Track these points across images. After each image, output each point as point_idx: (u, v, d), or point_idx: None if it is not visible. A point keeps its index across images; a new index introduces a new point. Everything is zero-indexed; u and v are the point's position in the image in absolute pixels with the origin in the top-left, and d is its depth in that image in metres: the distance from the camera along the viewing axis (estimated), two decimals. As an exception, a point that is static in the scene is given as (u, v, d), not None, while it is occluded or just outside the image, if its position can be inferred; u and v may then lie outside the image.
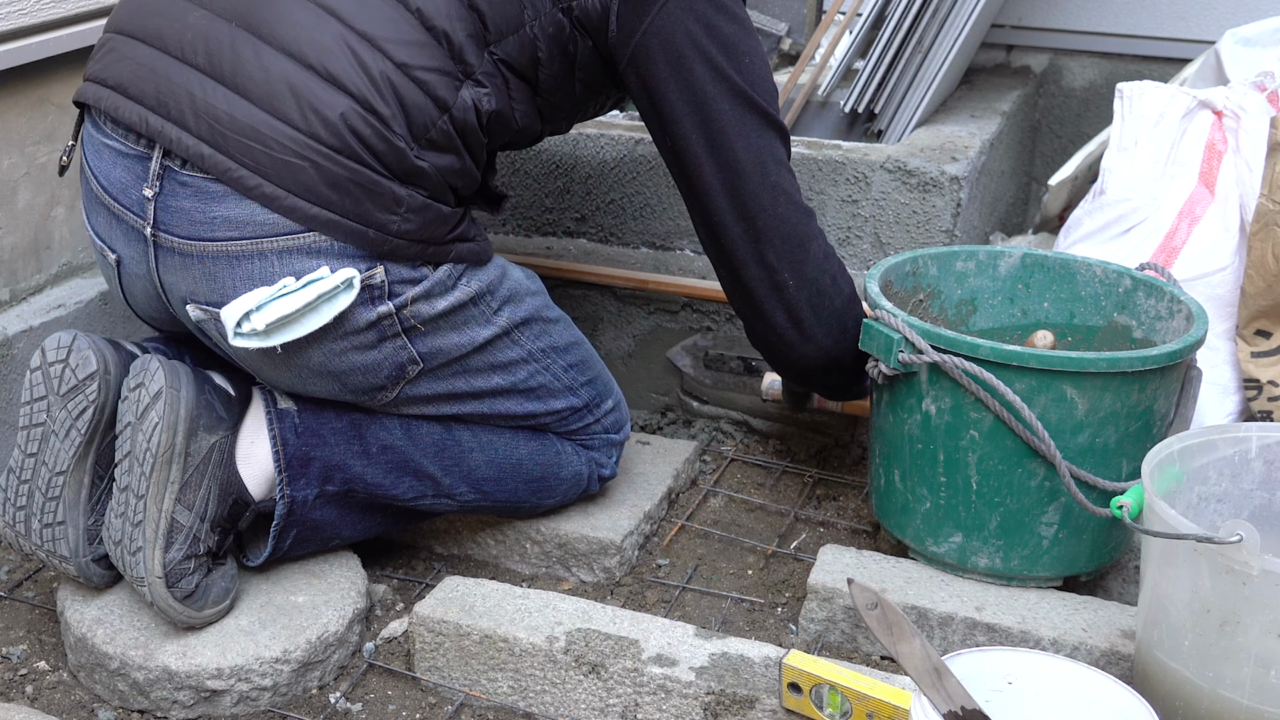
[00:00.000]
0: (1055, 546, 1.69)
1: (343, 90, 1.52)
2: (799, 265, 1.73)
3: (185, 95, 1.54)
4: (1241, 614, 1.32)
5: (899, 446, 1.74)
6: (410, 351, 1.64)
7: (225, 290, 1.56)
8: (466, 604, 1.64)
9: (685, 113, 1.67)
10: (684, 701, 1.53)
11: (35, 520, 1.62)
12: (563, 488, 1.84)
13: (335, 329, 1.57)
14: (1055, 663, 1.36)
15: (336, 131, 1.51)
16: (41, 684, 1.66)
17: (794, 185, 1.74)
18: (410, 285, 1.60)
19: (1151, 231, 2.03)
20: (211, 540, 1.61)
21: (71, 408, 1.61)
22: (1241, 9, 2.64)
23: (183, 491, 1.57)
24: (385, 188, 1.55)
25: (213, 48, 1.54)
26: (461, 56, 1.58)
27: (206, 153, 1.52)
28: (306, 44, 1.53)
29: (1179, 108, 2.04)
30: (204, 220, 1.54)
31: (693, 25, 1.65)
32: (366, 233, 1.55)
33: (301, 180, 1.52)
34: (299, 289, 1.53)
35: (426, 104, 1.55)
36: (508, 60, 1.62)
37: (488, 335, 1.69)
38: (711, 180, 1.69)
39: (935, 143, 2.30)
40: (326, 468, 1.66)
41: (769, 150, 1.70)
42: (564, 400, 1.80)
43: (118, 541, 1.58)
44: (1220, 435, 1.53)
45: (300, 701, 1.63)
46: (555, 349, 1.78)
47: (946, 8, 2.38)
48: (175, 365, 1.59)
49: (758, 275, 1.73)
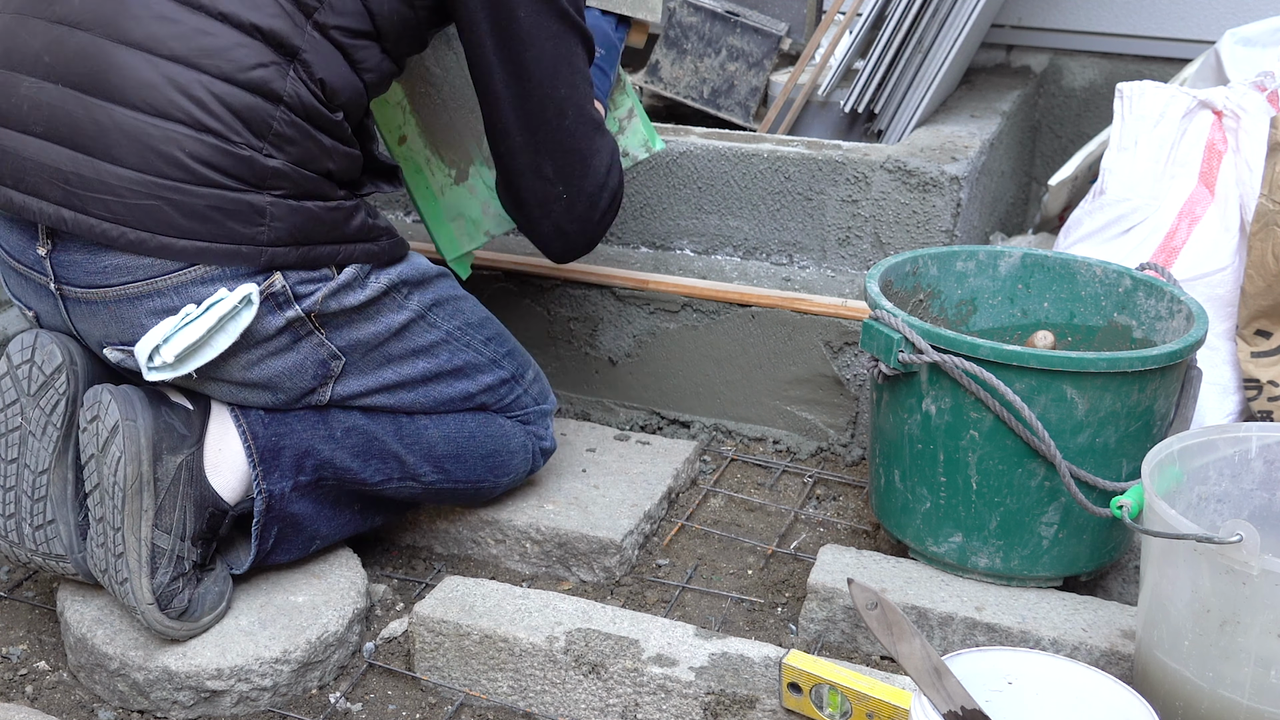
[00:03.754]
0: (1055, 546, 1.69)
1: (171, 120, 1.53)
2: (578, 180, 1.74)
3: (34, 166, 1.56)
4: (1241, 614, 1.32)
5: (899, 446, 1.74)
6: (329, 347, 1.66)
7: (134, 328, 1.59)
8: (466, 604, 1.64)
9: (481, 16, 1.66)
10: (684, 701, 1.53)
11: (26, 525, 1.63)
12: (514, 461, 1.86)
13: (246, 341, 1.59)
14: (1055, 663, 1.36)
15: (177, 163, 1.52)
16: (41, 684, 1.66)
17: (587, 97, 1.72)
18: (314, 285, 1.61)
19: (1151, 231, 2.03)
20: (195, 554, 1.61)
21: (44, 404, 1.62)
22: (1241, 9, 2.64)
23: (158, 516, 1.58)
24: (242, 202, 1.55)
25: (46, 114, 1.56)
26: (280, 41, 1.56)
27: (68, 215, 1.55)
28: (129, 87, 1.53)
29: (1179, 108, 2.04)
30: (97, 270, 1.57)
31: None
32: (239, 250, 1.56)
33: (160, 219, 1.53)
34: (201, 314, 1.55)
35: (257, 102, 1.55)
36: (338, 25, 1.59)
37: (402, 320, 1.71)
38: (500, 88, 1.69)
39: (935, 143, 2.30)
40: (297, 455, 1.67)
41: (564, 57, 1.69)
42: (492, 374, 1.83)
43: (104, 571, 1.58)
44: (1220, 435, 1.53)
45: (300, 701, 1.63)
46: (470, 325, 1.80)
47: (946, 8, 2.38)
48: (128, 393, 1.59)
49: (532, 185, 1.74)
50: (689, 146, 2.29)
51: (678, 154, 2.30)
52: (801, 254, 2.29)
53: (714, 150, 2.28)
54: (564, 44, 1.68)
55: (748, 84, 2.66)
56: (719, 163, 2.29)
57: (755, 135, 2.37)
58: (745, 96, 2.66)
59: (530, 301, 2.30)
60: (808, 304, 2.16)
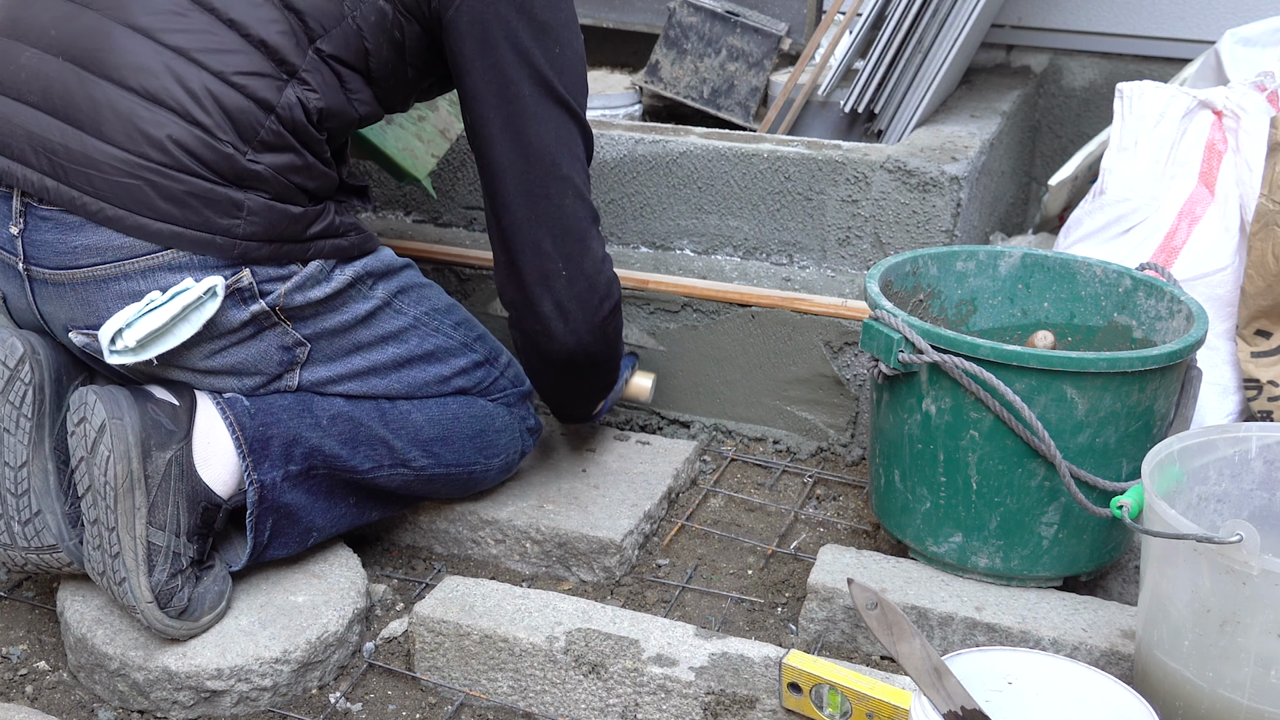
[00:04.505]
0: (1055, 546, 1.69)
1: (163, 107, 1.57)
2: (576, 259, 1.75)
3: (23, 133, 1.59)
4: (1241, 614, 1.32)
5: (899, 446, 1.74)
6: (294, 335, 1.68)
7: (100, 312, 1.60)
8: (466, 604, 1.64)
9: (487, 92, 1.70)
10: (684, 701, 1.53)
11: (15, 523, 1.63)
12: (502, 440, 1.88)
13: (209, 332, 1.62)
14: (1055, 663, 1.36)
15: (162, 148, 1.56)
16: (41, 684, 1.66)
17: (584, 182, 1.75)
18: (280, 281, 1.64)
19: (1151, 231, 2.03)
20: (191, 550, 1.62)
21: (13, 398, 1.64)
22: (1241, 9, 2.64)
23: (151, 514, 1.58)
24: (221, 194, 1.58)
25: (44, 84, 1.60)
26: (282, 59, 1.61)
27: (50, 185, 1.58)
28: (128, 70, 1.58)
29: (1179, 108, 2.04)
30: (67, 250, 1.59)
31: (504, 7, 1.67)
32: (214, 240, 1.59)
33: (139, 199, 1.56)
34: (165, 302, 1.57)
35: (250, 107, 1.59)
36: (335, 55, 1.65)
37: (368, 308, 1.73)
38: (503, 160, 1.72)
39: (935, 143, 2.30)
40: (286, 443, 1.68)
41: (565, 142, 1.72)
42: (465, 357, 1.84)
43: (101, 573, 1.59)
44: (1220, 435, 1.53)
45: (300, 701, 1.63)
46: (437, 310, 1.82)
47: (946, 8, 2.38)
48: (113, 392, 1.60)
49: (531, 261, 1.75)
50: (689, 146, 2.29)
51: (678, 154, 2.30)
52: (801, 254, 2.29)
53: (714, 150, 2.28)
54: (565, 129, 1.72)
55: (748, 84, 2.66)
56: (719, 163, 2.29)
57: (755, 135, 2.37)
58: (745, 96, 2.66)
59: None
60: (808, 304, 2.16)
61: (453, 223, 2.50)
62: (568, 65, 1.72)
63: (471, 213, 2.48)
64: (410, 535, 1.94)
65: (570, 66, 1.73)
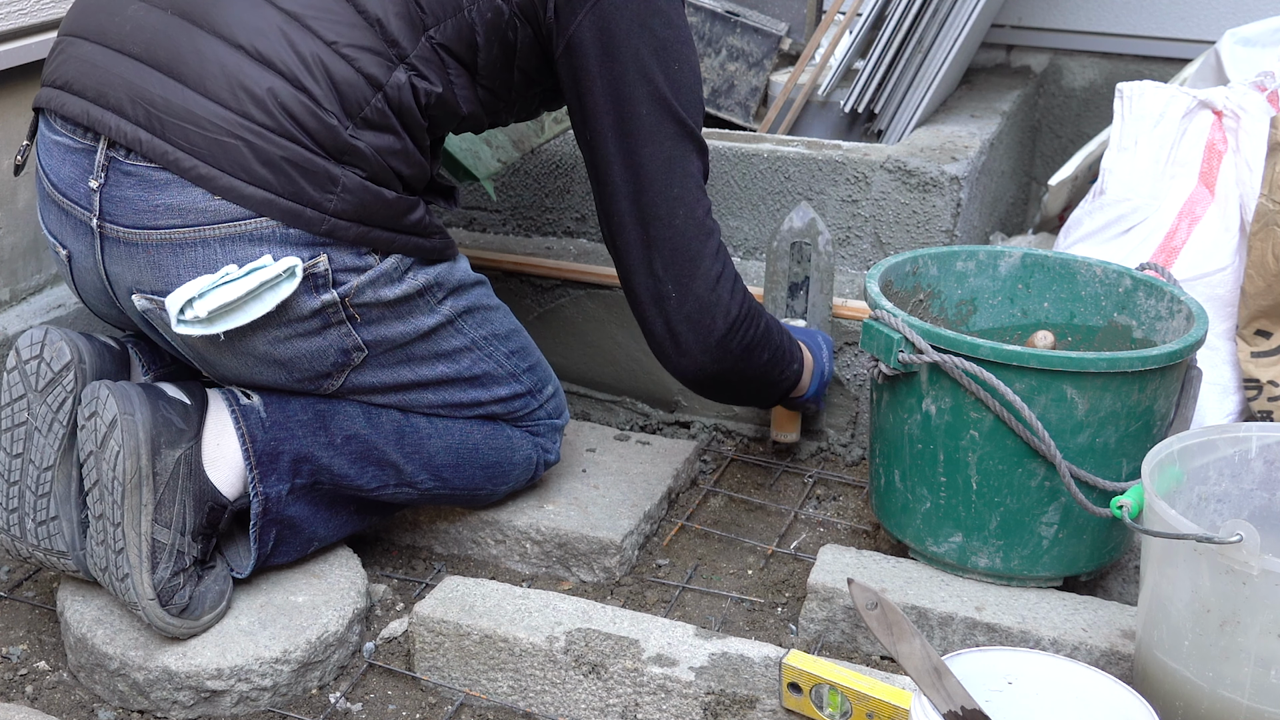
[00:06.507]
0: (1055, 546, 1.69)
1: (272, 69, 1.55)
2: (685, 281, 1.72)
3: (123, 84, 1.57)
4: (1241, 614, 1.32)
5: (899, 446, 1.74)
6: (355, 339, 1.65)
7: (170, 279, 1.57)
8: (466, 604, 1.64)
9: (605, 109, 1.68)
10: (684, 701, 1.53)
11: (29, 520, 1.63)
12: (515, 472, 1.86)
13: (278, 316, 1.59)
14: (1055, 663, 1.36)
15: (267, 109, 1.54)
16: (41, 684, 1.66)
17: (699, 202, 1.73)
18: (355, 274, 1.61)
19: (1151, 231, 2.03)
20: (195, 550, 1.61)
21: (51, 401, 1.62)
22: (1241, 9, 2.65)
23: (158, 511, 1.57)
24: (319, 165, 1.56)
25: (149, 36, 1.58)
26: (395, 40, 1.59)
27: (144, 137, 1.55)
28: (238, 27, 1.56)
29: (1179, 108, 2.04)
30: (148, 209, 1.56)
31: (627, 24, 1.66)
32: (304, 211, 1.56)
33: (235, 159, 1.54)
34: (241, 276, 1.54)
35: (358, 81, 1.57)
36: (445, 45, 1.63)
37: (432, 324, 1.71)
38: (618, 180, 1.70)
39: (935, 143, 2.31)
40: (295, 460, 1.67)
41: (680, 161, 1.71)
42: (507, 387, 1.82)
43: (104, 569, 1.58)
44: (1220, 435, 1.53)
45: (300, 701, 1.63)
46: (497, 336, 1.80)
47: (946, 8, 2.38)
48: (125, 388, 1.59)
49: (644, 282, 1.74)
50: (689, 146, 2.29)
51: (678, 154, 2.29)
52: (801, 254, 2.29)
53: (714, 150, 2.28)
54: (680, 147, 1.70)
55: (748, 84, 2.66)
56: (719, 163, 2.29)
57: (755, 135, 2.37)
58: (745, 96, 2.66)
59: (530, 301, 2.30)
60: (808, 304, 2.15)
61: (452, 222, 2.50)
62: (685, 83, 1.70)
63: (471, 213, 2.48)
64: (410, 535, 1.94)
65: (688, 85, 1.71)
